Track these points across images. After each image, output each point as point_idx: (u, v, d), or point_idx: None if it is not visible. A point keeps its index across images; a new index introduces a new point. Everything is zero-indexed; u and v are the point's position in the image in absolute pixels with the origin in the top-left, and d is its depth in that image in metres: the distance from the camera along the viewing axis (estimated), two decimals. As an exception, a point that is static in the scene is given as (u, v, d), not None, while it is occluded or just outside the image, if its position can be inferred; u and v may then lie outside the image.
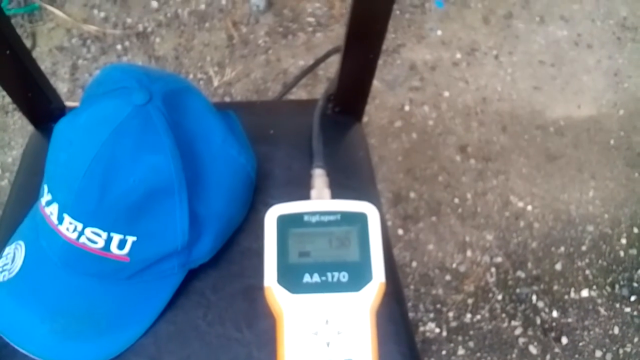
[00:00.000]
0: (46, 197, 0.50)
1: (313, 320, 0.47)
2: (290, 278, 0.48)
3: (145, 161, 0.45)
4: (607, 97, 1.46)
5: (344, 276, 0.48)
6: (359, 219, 0.50)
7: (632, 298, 1.19)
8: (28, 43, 1.44)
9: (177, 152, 0.46)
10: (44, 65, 1.41)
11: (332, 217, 0.50)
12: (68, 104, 0.68)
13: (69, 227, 0.47)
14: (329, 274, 0.48)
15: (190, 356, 0.51)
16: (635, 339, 1.15)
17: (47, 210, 0.49)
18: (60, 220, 0.48)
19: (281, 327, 0.47)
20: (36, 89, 0.62)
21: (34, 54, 1.42)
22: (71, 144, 0.48)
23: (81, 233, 0.47)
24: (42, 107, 0.65)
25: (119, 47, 1.45)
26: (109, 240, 0.47)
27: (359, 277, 0.48)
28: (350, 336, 0.46)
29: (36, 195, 0.53)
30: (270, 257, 0.49)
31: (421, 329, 1.14)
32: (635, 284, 1.21)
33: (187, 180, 0.47)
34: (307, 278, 0.47)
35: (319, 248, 0.49)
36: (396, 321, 0.54)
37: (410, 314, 1.15)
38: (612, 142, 1.40)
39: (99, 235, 0.47)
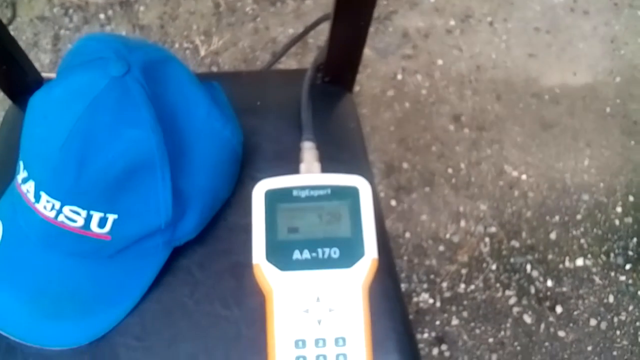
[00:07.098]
0: (22, 174, 0.48)
1: (303, 298, 0.46)
2: (280, 255, 0.46)
3: (124, 136, 0.43)
4: (603, 65, 1.44)
5: (335, 252, 0.46)
6: (350, 193, 0.48)
7: (627, 266, 1.19)
8: (8, 13, 1.39)
9: (158, 125, 0.44)
10: (25, 36, 1.37)
11: (322, 192, 0.49)
12: (49, 75, 0.66)
13: (46, 206, 0.45)
14: (319, 250, 0.46)
15: (177, 335, 0.50)
16: (630, 307, 1.15)
17: (24, 187, 0.47)
18: (37, 198, 0.46)
19: (271, 305, 0.46)
20: (10, 61, 0.60)
21: (14, 25, 1.38)
22: (46, 118, 0.45)
23: (59, 211, 0.45)
24: (17, 79, 0.62)
25: (102, 16, 1.41)
26: (88, 219, 0.45)
27: (350, 253, 0.46)
28: (342, 314, 0.45)
29: (14, 171, 0.51)
30: (259, 233, 0.47)
31: (415, 299, 1.14)
32: (630, 252, 1.20)
33: (169, 155, 0.45)
34: (297, 255, 0.46)
35: (309, 223, 0.48)
36: (389, 297, 0.52)
37: (404, 285, 1.15)
38: (607, 110, 1.38)
39: (78, 214, 0.45)
